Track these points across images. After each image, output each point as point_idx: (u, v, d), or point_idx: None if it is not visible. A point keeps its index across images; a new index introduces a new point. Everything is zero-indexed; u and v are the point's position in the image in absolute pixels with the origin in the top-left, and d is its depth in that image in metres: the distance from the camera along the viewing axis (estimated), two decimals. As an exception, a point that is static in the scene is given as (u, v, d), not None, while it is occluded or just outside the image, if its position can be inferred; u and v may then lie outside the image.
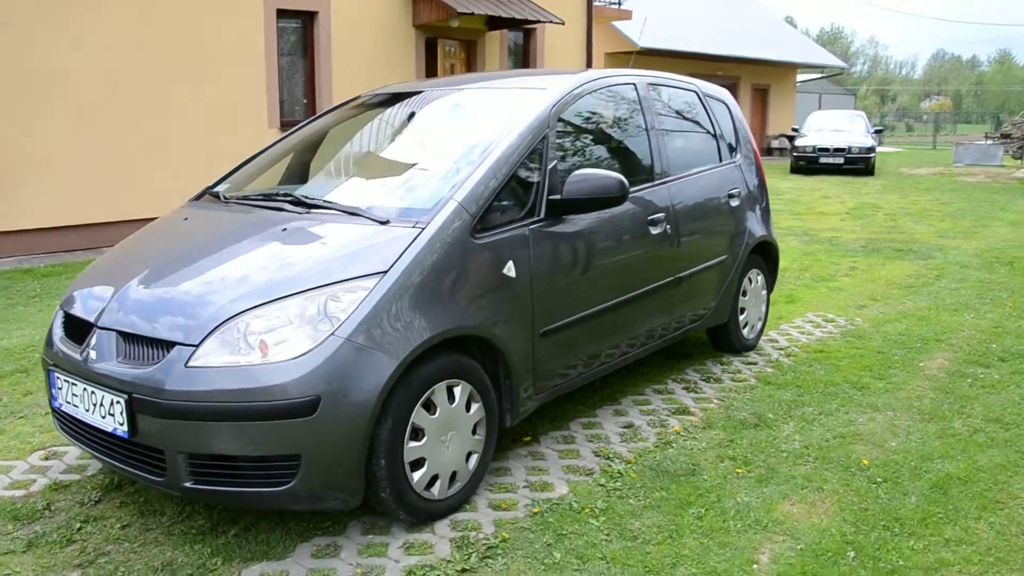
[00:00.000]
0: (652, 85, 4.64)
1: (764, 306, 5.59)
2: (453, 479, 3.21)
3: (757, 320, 5.49)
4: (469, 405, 3.24)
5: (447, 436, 3.15)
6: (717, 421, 4.20)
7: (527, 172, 3.55)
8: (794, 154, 20.90)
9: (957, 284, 7.46)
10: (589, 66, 15.64)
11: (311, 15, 11.02)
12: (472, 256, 3.23)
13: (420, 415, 3.03)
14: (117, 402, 2.88)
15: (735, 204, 5.04)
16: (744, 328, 5.33)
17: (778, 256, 5.70)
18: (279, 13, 10.56)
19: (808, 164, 20.47)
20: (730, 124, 5.32)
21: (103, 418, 2.96)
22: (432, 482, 3.12)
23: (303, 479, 2.78)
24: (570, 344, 3.75)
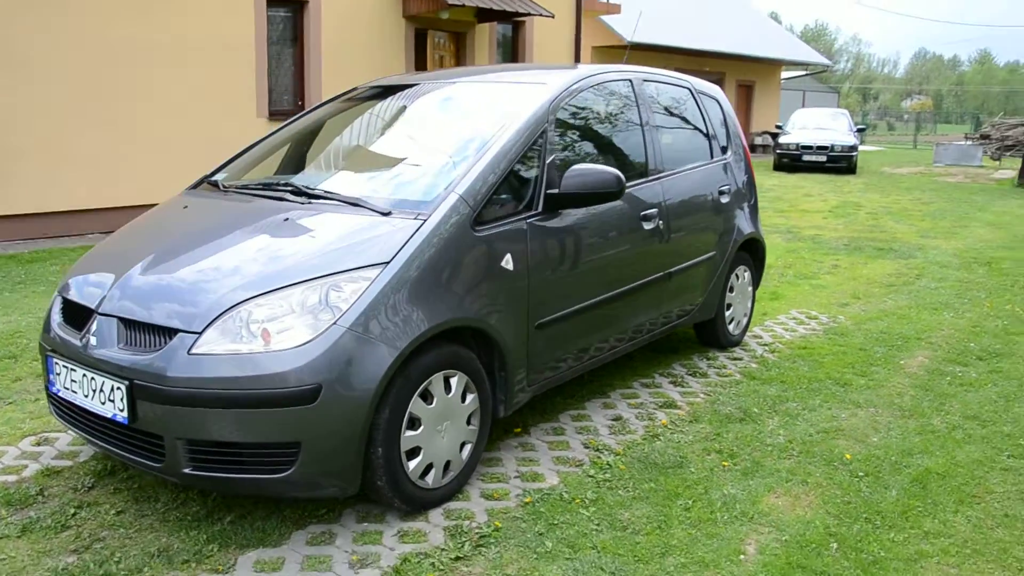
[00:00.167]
0: (647, 81, 4.70)
1: (750, 302, 5.67)
2: (447, 468, 3.27)
3: (743, 316, 5.57)
4: (464, 396, 3.30)
5: (442, 426, 3.20)
6: (703, 415, 4.27)
7: (525, 166, 3.60)
8: (778, 151, 21.07)
9: (937, 284, 7.60)
10: (577, 60, 15.68)
11: (301, 4, 10.98)
12: (472, 248, 3.28)
13: (417, 405, 3.08)
14: (118, 388, 2.91)
15: (725, 201, 5.12)
16: (730, 324, 5.41)
17: (765, 253, 5.79)
18: (269, 2, 10.52)
19: (791, 161, 20.64)
20: (721, 121, 5.39)
21: (102, 404, 2.99)
22: (427, 471, 3.17)
23: (302, 466, 2.83)
24: (563, 337, 3.81)
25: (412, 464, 3.10)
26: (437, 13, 12.21)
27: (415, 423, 3.09)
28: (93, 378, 3.02)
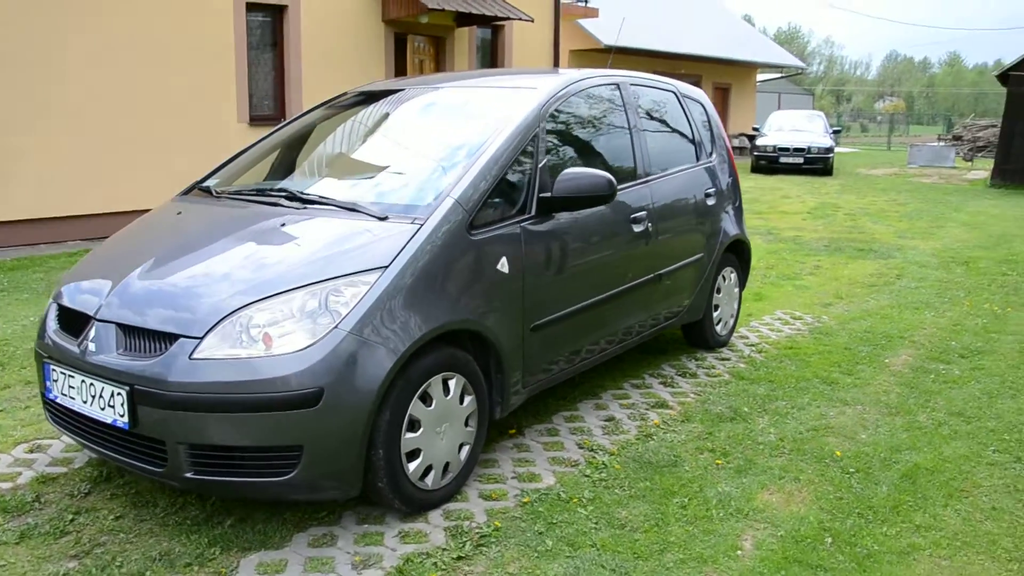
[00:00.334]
0: (634, 85, 4.76)
1: (736, 303, 5.75)
2: (446, 470, 3.29)
3: (730, 317, 5.64)
4: (463, 398, 3.33)
5: (441, 428, 3.23)
6: (695, 414, 4.33)
7: (519, 170, 3.64)
8: (755, 153, 21.26)
9: (917, 283, 7.72)
10: (556, 64, 15.75)
11: (280, 9, 10.97)
12: (468, 252, 3.31)
13: (417, 407, 3.10)
14: (118, 394, 2.91)
15: (711, 203, 5.19)
16: (717, 325, 5.48)
17: (750, 255, 5.87)
18: (248, 7, 10.49)
19: (769, 163, 20.84)
20: (706, 124, 5.46)
21: (102, 409, 2.98)
22: (426, 472, 3.20)
23: (304, 469, 2.85)
24: (557, 339, 3.85)
25: (412, 466, 3.12)
26: (417, 17, 12.22)
27: (415, 425, 3.12)
28: (92, 384, 3.01)
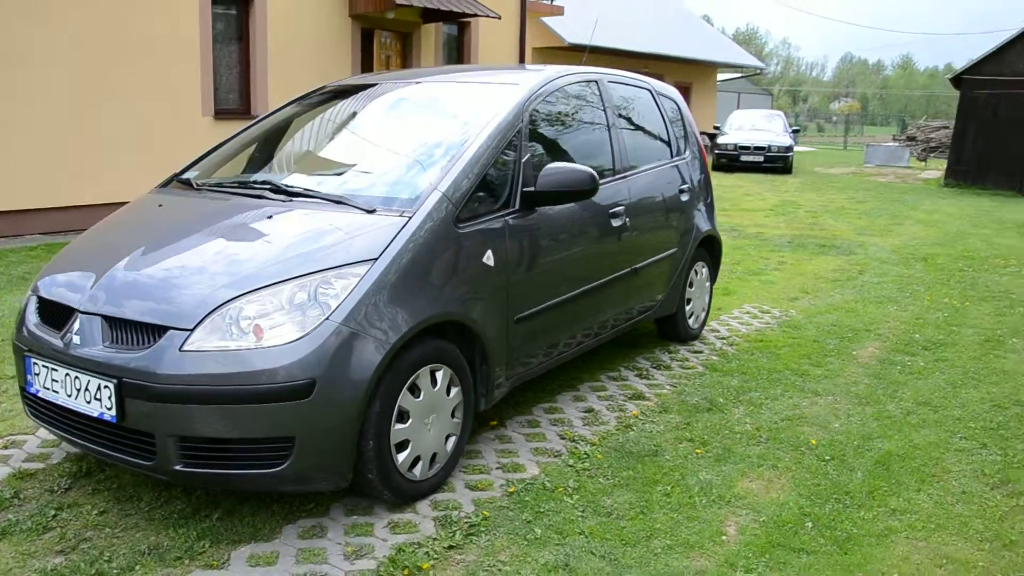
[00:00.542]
0: (611, 82, 4.82)
1: (708, 297, 5.85)
2: (433, 461, 3.32)
3: (701, 311, 5.74)
4: (449, 389, 3.36)
5: (429, 419, 3.25)
6: (672, 405, 4.41)
7: (503, 165, 3.67)
8: (716, 152, 21.54)
9: (879, 279, 7.91)
10: (522, 61, 15.80)
11: (246, 2, 10.85)
12: (455, 245, 3.34)
13: (406, 398, 3.13)
14: (105, 387, 2.88)
15: (685, 199, 5.27)
16: (690, 318, 5.57)
17: (721, 250, 5.97)
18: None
19: (730, 162, 21.13)
20: (679, 122, 5.54)
21: (88, 403, 2.96)
22: (414, 463, 3.22)
23: (296, 461, 2.85)
24: (540, 331, 3.90)
25: (401, 456, 3.15)
26: (384, 12, 12.18)
27: (404, 416, 3.14)
28: (77, 377, 2.98)
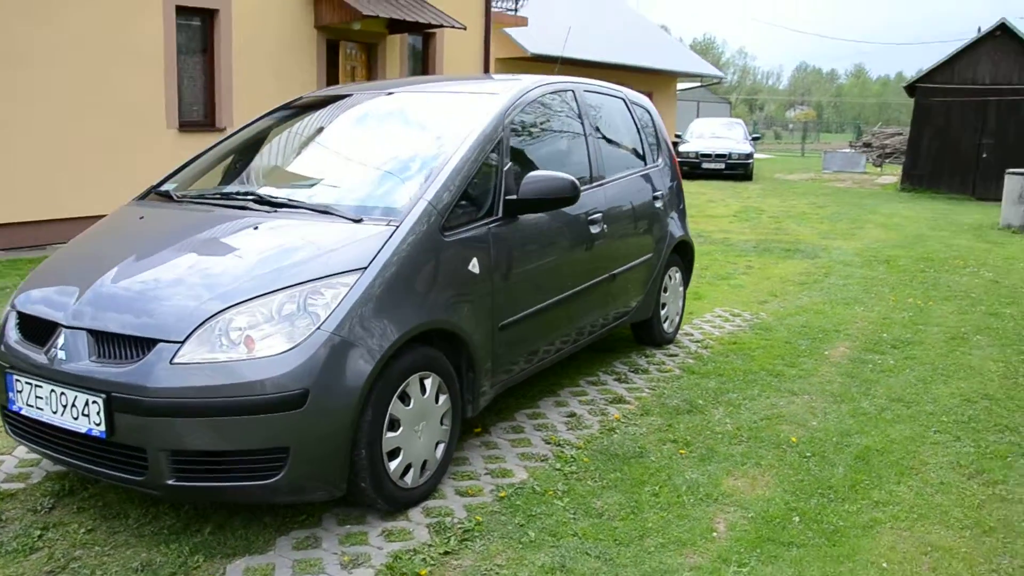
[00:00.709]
0: (587, 91, 4.88)
1: (681, 302, 5.93)
2: (424, 468, 3.33)
3: (676, 315, 5.82)
4: (438, 397, 3.38)
5: (419, 426, 3.27)
6: (653, 408, 4.47)
7: (485, 173, 3.71)
8: (678, 159, 21.78)
9: (844, 281, 8.08)
10: (487, 71, 15.87)
11: (211, 13, 10.77)
12: (442, 253, 3.36)
13: (397, 406, 3.14)
14: (94, 402, 2.85)
15: (659, 206, 5.35)
16: (665, 323, 5.65)
17: (694, 255, 6.06)
18: (178, 10, 10.28)
19: (691, 169, 21.37)
20: (652, 130, 5.63)
21: (75, 419, 2.92)
22: (406, 471, 3.23)
23: (290, 471, 2.85)
24: (523, 337, 3.93)
25: (393, 464, 3.16)
26: (349, 24, 12.17)
27: (395, 424, 3.15)
28: (63, 393, 2.95)
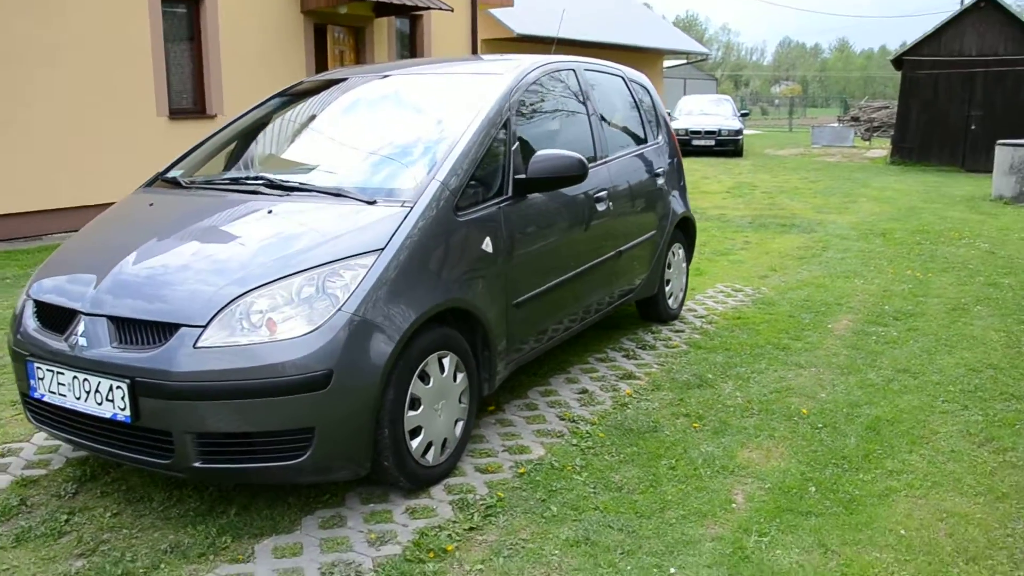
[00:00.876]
0: (588, 70, 4.89)
1: (684, 278, 5.97)
2: (444, 446, 3.37)
3: (679, 291, 5.86)
4: (456, 375, 3.40)
5: (439, 405, 3.30)
6: (663, 383, 4.51)
7: (495, 153, 3.72)
8: (669, 138, 21.78)
9: (842, 254, 8.14)
10: (475, 52, 15.80)
11: (197, 0, 10.68)
12: (456, 233, 3.38)
13: (417, 385, 3.17)
14: (118, 387, 2.87)
15: (661, 183, 5.38)
16: (669, 299, 5.68)
17: (696, 231, 6.09)
18: (164, -2, 10.19)
19: (682, 146, 21.21)
20: (651, 107, 5.65)
21: (99, 404, 2.94)
22: (427, 449, 3.27)
23: (316, 451, 2.88)
24: (535, 315, 3.96)
25: (415, 443, 3.19)
26: (336, 8, 12.09)
27: (415, 403, 3.18)
28: (86, 379, 2.96)
